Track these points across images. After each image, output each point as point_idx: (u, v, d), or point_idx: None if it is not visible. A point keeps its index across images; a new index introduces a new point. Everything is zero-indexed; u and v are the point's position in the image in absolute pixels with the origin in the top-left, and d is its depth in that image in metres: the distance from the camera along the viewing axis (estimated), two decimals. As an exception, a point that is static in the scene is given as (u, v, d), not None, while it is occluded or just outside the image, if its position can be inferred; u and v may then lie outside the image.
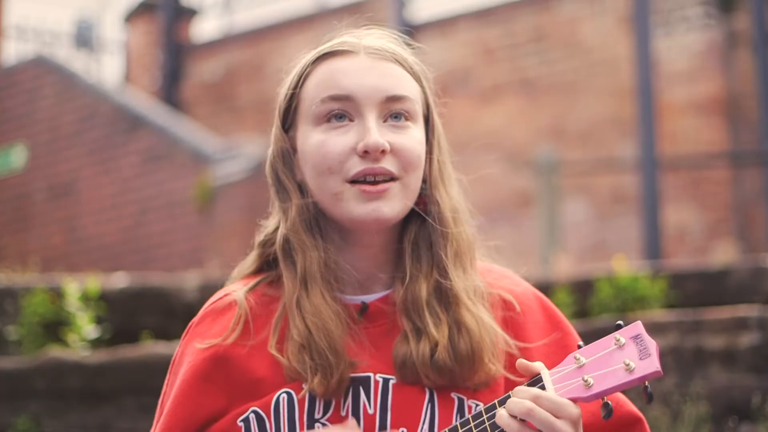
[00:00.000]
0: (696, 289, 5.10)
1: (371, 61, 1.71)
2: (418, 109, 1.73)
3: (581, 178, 9.61)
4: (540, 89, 10.44)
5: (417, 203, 1.73)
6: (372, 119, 1.67)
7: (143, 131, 10.30)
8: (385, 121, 1.69)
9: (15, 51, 13.13)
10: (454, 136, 1.80)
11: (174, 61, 12.45)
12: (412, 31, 10.80)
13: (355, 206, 1.67)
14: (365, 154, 1.66)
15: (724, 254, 8.28)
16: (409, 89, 1.72)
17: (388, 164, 1.67)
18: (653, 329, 4.35)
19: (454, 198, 1.75)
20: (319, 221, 1.72)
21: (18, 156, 11.14)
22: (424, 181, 1.74)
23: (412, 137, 1.70)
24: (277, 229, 1.77)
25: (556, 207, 8.65)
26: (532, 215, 9.37)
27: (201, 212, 9.60)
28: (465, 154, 1.82)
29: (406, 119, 1.71)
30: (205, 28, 13.28)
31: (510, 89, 10.59)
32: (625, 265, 5.20)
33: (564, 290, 5.01)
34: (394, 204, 1.68)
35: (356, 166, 1.66)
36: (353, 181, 1.67)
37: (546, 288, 4.89)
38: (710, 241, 9.36)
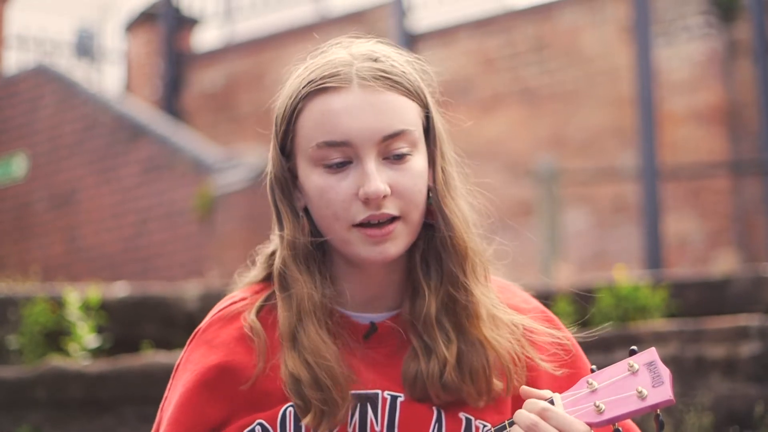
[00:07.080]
0: (697, 299, 5.10)
1: (365, 94, 1.66)
2: (418, 133, 1.69)
3: (582, 187, 9.61)
4: (540, 99, 10.44)
5: (425, 215, 1.71)
6: (371, 163, 1.64)
7: (144, 141, 10.30)
8: (385, 158, 1.66)
9: (16, 60, 13.14)
10: (455, 145, 1.79)
11: (175, 70, 12.45)
12: (413, 40, 10.84)
13: (362, 249, 1.66)
14: (367, 200, 1.64)
15: (724, 264, 8.29)
16: (407, 118, 1.68)
17: (390, 208, 1.65)
18: (654, 339, 4.35)
19: (463, 208, 1.73)
20: (316, 253, 1.70)
21: (19, 165, 11.14)
22: (429, 190, 1.71)
23: (412, 173, 1.67)
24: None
25: (557, 216, 8.65)
26: (533, 225, 9.36)
27: (201, 222, 9.59)
28: (466, 164, 1.81)
29: (407, 152, 1.67)
30: (205, 38, 13.28)
31: (510, 99, 10.59)
32: (626, 274, 5.19)
33: (565, 299, 5.01)
34: (399, 242, 1.67)
35: (360, 213, 1.65)
36: (359, 224, 1.66)
37: (547, 297, 4.88)
38: (711, 251, 9.36)
